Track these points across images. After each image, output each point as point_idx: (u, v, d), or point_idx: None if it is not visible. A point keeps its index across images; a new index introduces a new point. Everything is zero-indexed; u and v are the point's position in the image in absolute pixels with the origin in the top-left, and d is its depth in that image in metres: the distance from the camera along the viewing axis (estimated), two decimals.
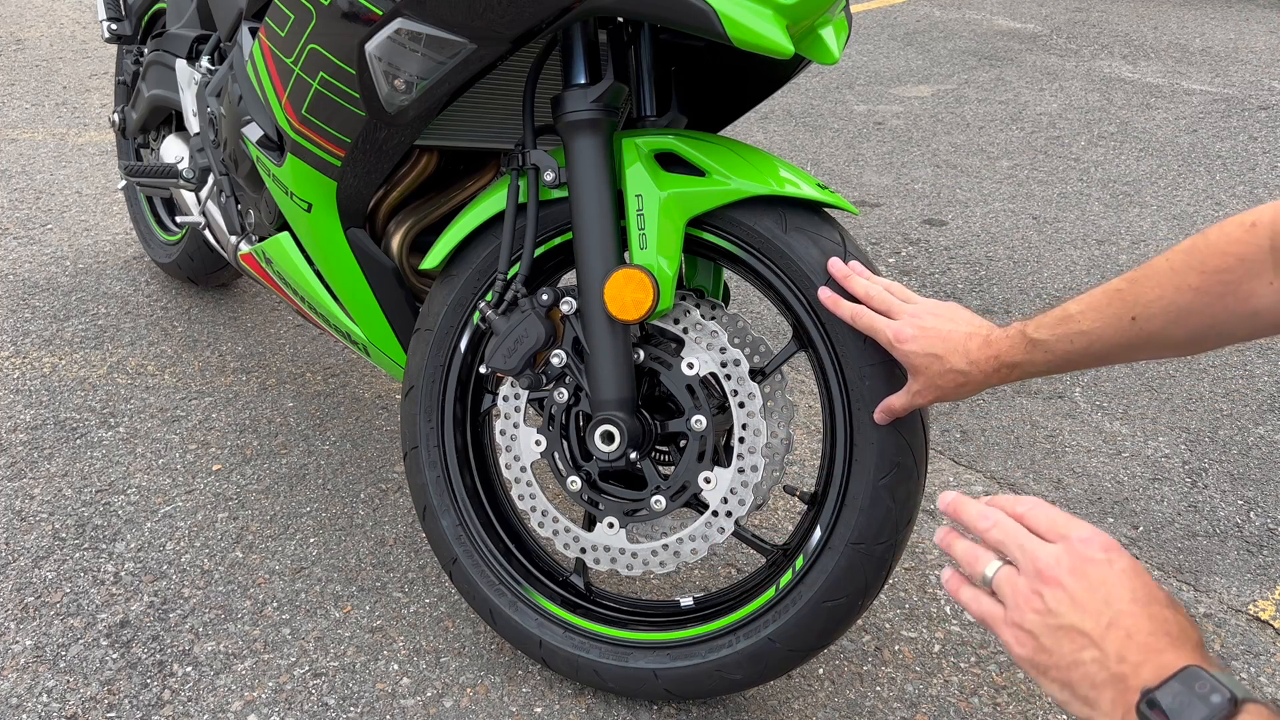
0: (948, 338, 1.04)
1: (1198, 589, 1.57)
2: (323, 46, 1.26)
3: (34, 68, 4.29)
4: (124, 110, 2.37)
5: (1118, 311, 0.92)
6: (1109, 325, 0.92)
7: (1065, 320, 0.96)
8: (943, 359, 1.03)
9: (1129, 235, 2.82)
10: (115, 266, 2.59)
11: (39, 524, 1.68)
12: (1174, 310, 0.88)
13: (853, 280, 1.13)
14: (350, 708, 1.34)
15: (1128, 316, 0.91)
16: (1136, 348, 0.92)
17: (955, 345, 1.03)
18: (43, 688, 1.37)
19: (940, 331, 1.04)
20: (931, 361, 1.04)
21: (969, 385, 1.04)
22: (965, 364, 1.02)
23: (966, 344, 1.03)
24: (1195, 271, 0.86)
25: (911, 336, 1.05)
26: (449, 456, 1.38)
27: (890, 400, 1.12)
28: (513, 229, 1.26)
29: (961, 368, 1.03)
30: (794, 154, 3.49)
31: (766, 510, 1.74)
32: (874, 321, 1.09)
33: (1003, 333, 1.02)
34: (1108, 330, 0.93)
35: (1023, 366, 1.00)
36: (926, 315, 1.07)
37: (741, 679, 1.25)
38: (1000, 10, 5.52)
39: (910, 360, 1.06)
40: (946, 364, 1.03)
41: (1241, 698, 0.59)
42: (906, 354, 1.06)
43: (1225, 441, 1.93)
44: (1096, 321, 0.93)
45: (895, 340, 1.06)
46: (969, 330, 1.04)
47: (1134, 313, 0.90)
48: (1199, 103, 3.94)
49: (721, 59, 1.40)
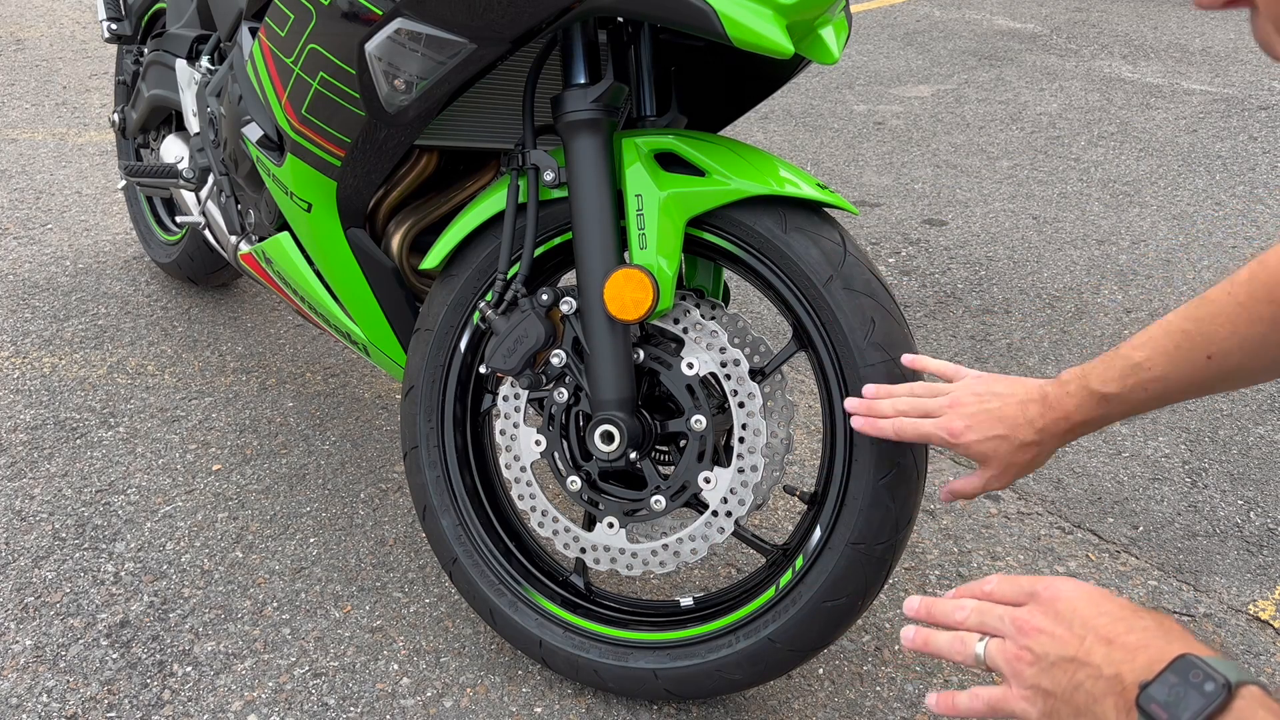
0: (1002, 415, 0.98)
1: (1198, 589, 1.57)
2: (323, 46, 1.26)
3: (34, 68, 4.30)
4: (124, 110, 2.37)
5: (1189, 353, 0.88)
6: (1183, 368, 0.89)
7: (1134, 370, 0.92)
8: (1008, 438, 0.98)
9: (1129, 235, 2.82)
10: (115, 266, 2.59)
11: (39, 524, 1.68)
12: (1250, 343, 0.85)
13: (877, 404, 1.07)
14: (350, 708, 1.34)
15: (1202, 356, 0.88)
16: (1213, 384, 0.90)
17: (1015, 420, 0.97)
18: (43, 688, 1.37)
19: (992, 411, 0.99)
20: (999, 444, 0.98)
21: (1044, 452, 0.99)
22: (1034, 434, 0.97)
23: (1025, 413, 0.97)
24: (1264, 302, 0.83)
25: (965, 428, 0.99)
26: (449, 456, 1.38)
27: (959, 485, 1.06)
28: (513, 229, 1.26)
29: (1031, 439, 0.97)
30: (794, 154, 3.49)
31: (766, 510, 1.74)
32: (920, 427, 1.02)
33: (1061, 390, 0.96)
34: (1182, 373, 0.89)
35: (1096, 422, 0.96)
36: (969, 400, 1.01)
37: (741, 679, 1.25)
38: (1000, 10, 5.52)
39: (974, 451, 1.00)
40: (1015, 440, 0.98)
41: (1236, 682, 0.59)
42: (968, 445, 1.00)
43: (1225, 441, 1.93)
44: (1168, 367, 0.90)
45: (950, 437, 1.00)
46: (1022, 398, 0.98)
47: (1209, 351, 0.87)
48: (1199, 103, 3.94)
49: (721, 59, 1.40)
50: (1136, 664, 0.63)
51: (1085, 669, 0.65)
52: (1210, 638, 1.47)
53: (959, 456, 1.89)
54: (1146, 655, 0.63)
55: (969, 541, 1.67)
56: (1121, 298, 2.48)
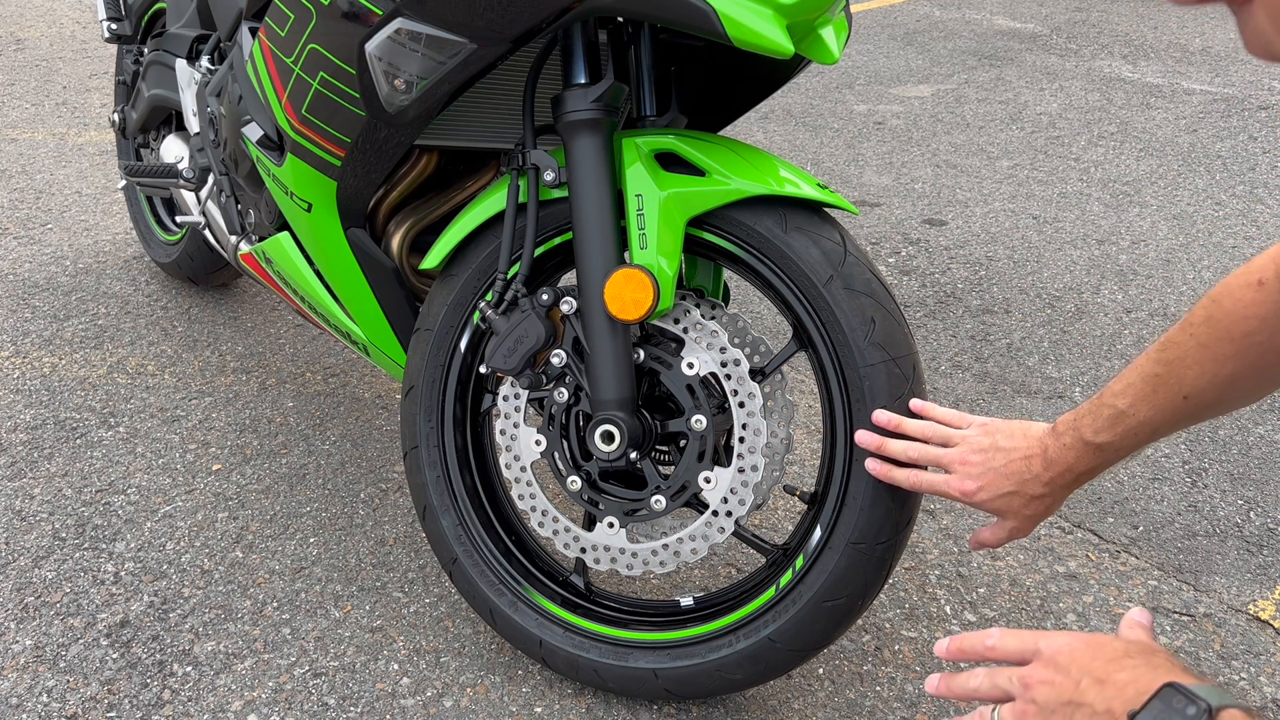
0: (1009, 472, 1.04)
1: (1198, 589, 1.57)
2: (323, 46, 1.26)
3: (34, 68, 4.29)
4: (124, 110, 2.37)
5: (1167, 396, 0.93)
6: (1164, 411, 0.94)
7: (1120, 418, 0.96)
8: (1019, 493, 1.04)
9: (1129, 235, 2.82)
10: (115, 266, 2.59)
11: (39, 524, 1.68)
12: (1220, 380, 0.89)
13: (888, 445, 1.12)
14: (350, 708, 1.34)
15: (1179, 397, 0.92)
16: (1199, 416, 0.94)
17: (1022, 475, 1.03)
18: (43, 688, 1.37)
19: (998, 469, 1.04)
20: (1011, 500, 1.04)
21: (1055, 502, 1.05)
22: (1042, 488, 1.03)
23: (1030, 469, 1.03)
24: (1225, 341, 0.87)
25: (977, 487, 1.05)
26: (449, 456, 1.38)
27: (983, 535, 1.12)
28: (513, 229, 1.26)
29: (1040, 493, 1.03)
30: (794, 154, 3.49)
31: (766, 510, 1.74)
32: (935, 486, 1.08)
33: (1059, 444, 1.01)
34: (1164, 415, 0.94)
35: (1098, 469, 1.01)
36: (975, 458, 1.06)
37: (741, 679, 1.25)
38: (1000, 10, 5.52)
39: (991, 508, 1.06)
40: (1026, 495, 1.04)
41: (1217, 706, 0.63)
42: (983, 504, 1.06)
43: (1225, 441, 1.93)
44: (1151, 411, 0.94)
45: (964, 498, 1.06)
46: (1025, 454, 1.03)
47: (1184, 393, 0.91)
48: (1199, 103, 3.94)
49: (721, 59, 1.40)
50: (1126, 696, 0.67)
51: (1081, 709, 0.70)
52: (1201, 668, 1.47)
53: None
54: (1135, 688, 0.67)
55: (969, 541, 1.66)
56: (1121, 298, 2.48)
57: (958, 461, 1.07)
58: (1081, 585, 1.57)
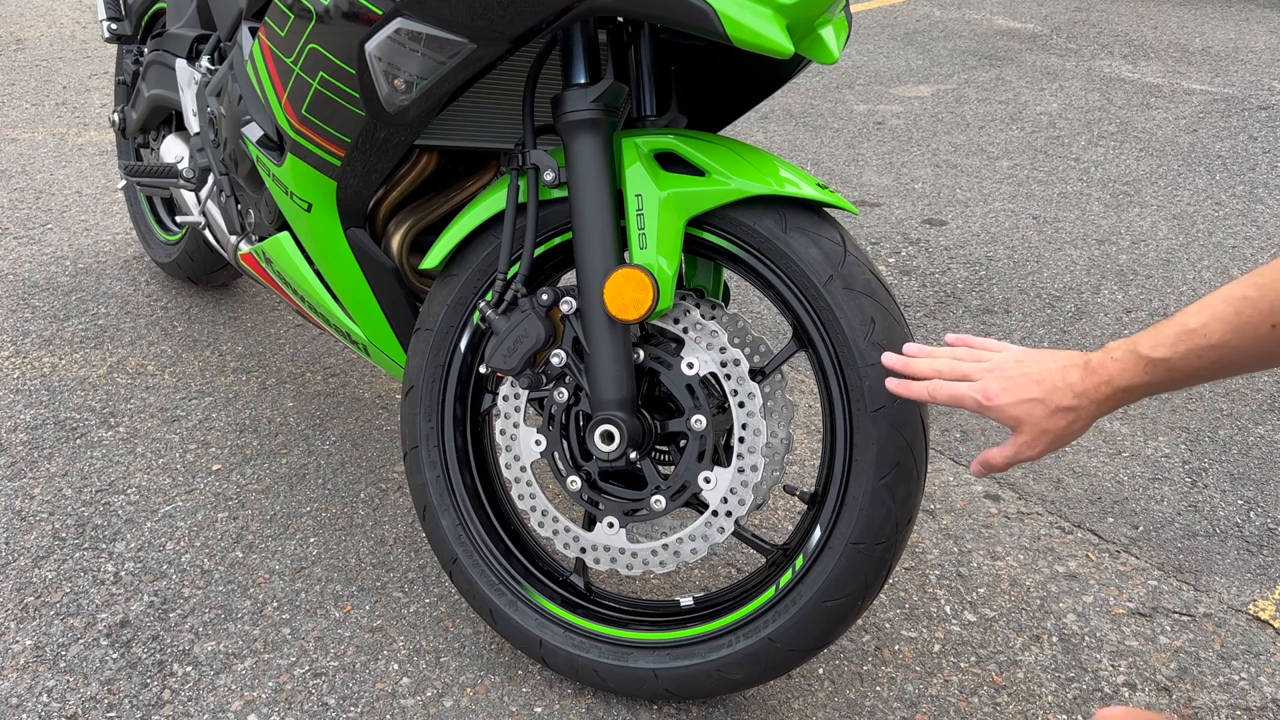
0: (1041, 379, 0.95)
1: (1198, 589, 1.57)
2: (323, 46, 1.26)
3: (34, 68, 4.29)
4: (124, 110, 2.37)
5: (1251, 320, 0.84)
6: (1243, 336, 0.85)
7: (1188, 335, 0.88)
8: (1044, 401, 0.94)
9: (1129, 235, 2.82)
10: (115, 266, 2.59)
11: (39, 524, 1.68)
12: None
13: (914, 363, 1.04)
14: (350, 707, 1.34)
15: (1266, 324, 0.84)
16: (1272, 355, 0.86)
17: (1053, 383, 0.94)
18: (43, 687, 1.37)
19: (1031, 375, 0.96)
20: (1033, 408, 0.95)
21: (1081, 420, 0.95)
22: (1071, 399, 0.93)
23: (1065, 377, 0.94)
24: None
25: (1001, 389, 0.96)
26: (449, 456, 1.38)
27: (990, 454, 1.01)
28: (513, 229, 1.26)
29: (1068, 404, 0.94)
30: (794, 154, 3.49)
31: (766, 510, 1.74)
32: (955, 391, 0.99)
33: (1106, 357, 0.93)
34: (1242, 341, 0.86)
35: (1142, 388, 0.92)
36: (1008, 364, 0.98)
37: (741, 679, 1.25)
38: (1000, 10, 5.52)
39: (1007, 415, 0.96)
40: (1051, 405, 0.94)
41: None
42: (1001, 409, 0.96)
43: (1225, 441, 1.93)
44: (1226, 334, 0.86)
45: (985, 400, 0.97)
46: (1064, 364, 0.95)
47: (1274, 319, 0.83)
48: (1199, 103, 3.94)
49: (721, 59, 1.40)
50: None
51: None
52: (1200, 667, 1.47)
53: (959, 457, 1.89)
54: None
55: (969, 541, 1.67)
56: (1121, 298, 2.48)
57: (990, 369, 0.98)
58: (1081, 585, 1.58)
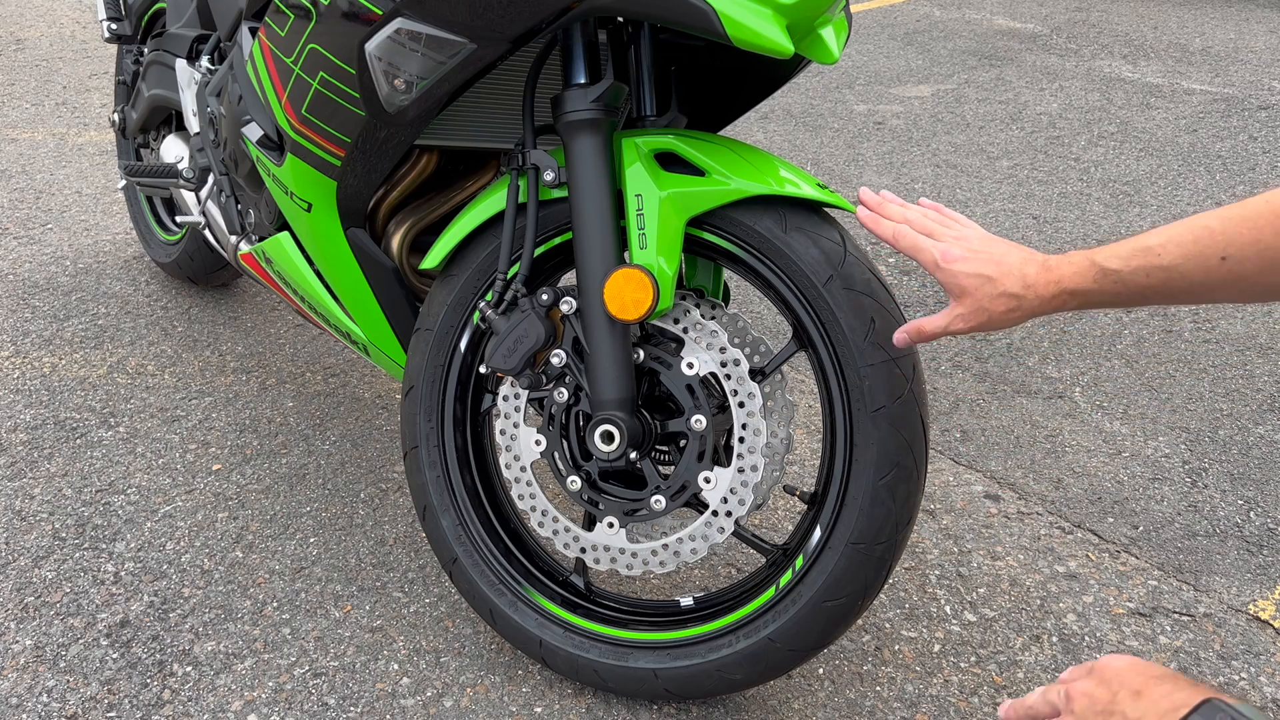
0: (1000, 260, 0.97)
1: (1198, 589, 1.57)
2: (323, 46, 1.26)
3: (34, 68, 4.29)
4: (124, 110, 2.37)
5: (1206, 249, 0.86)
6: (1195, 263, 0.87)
7: (1144, 252, 0.89)
8: (995, 281, 0.96)
9: (1129, 235, 2.82)
10: (115, 266, 2.59)
11: (39, 524, 1.68)
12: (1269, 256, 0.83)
13: (887, 206, 1.06)
14: (350, 707, 1.34)
15: (1217, 256, 0.85)
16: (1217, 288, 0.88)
17: (1010, 268, 0.96)
18: (43, 687, 1.37)
19: (992, 254, 0.98)
20: (982, 283, 0.97)
21: (1020, 311, 0.97)
22: (1020, 287, 0.95)
23: (1023, 268, 0.96)
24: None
25: (961, 257, 0.98)
26: (449, 456, 1.38)
27: (923, 321, 1.02)
28: (513, 229, 1.26)
29: (1015, 290, 0.96)
30: (794, 154, 3.49)
31: (766, 510, 1.74)
32: (917, 241, 1.01)
33: (1064, 259, 0.95)
34: (1193, 268, 0.87)
35: (1087, 295, 0.94)
36: (976, 239, 1.00)
37: (741, 679, 1.25)
38: (1000, 10, 5.52)
39: (957, 281, 0.98)
40: (999, 286, 0.96)
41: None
42: (954, 274, 0.98)
43: (1225, 441, 1.93)
44: (1180, 257, 0.87)
45: (942, 260, 0.99)
46: (1025, 255, 0.97)
47: (1225, 253, 0.85)
48: (1199, 103, 3.94)
49: (721, 59, 1.40)
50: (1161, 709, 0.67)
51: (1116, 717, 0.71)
52: (1201, 667, 1.47)
53: (959, 457, 1.89)
54: (1172, 701, 0.68)
55: (969, 541, 1.67)
56: None
57: (956, 237, 1.01)
58: (1081, 585, 1.57)
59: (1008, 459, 1.89)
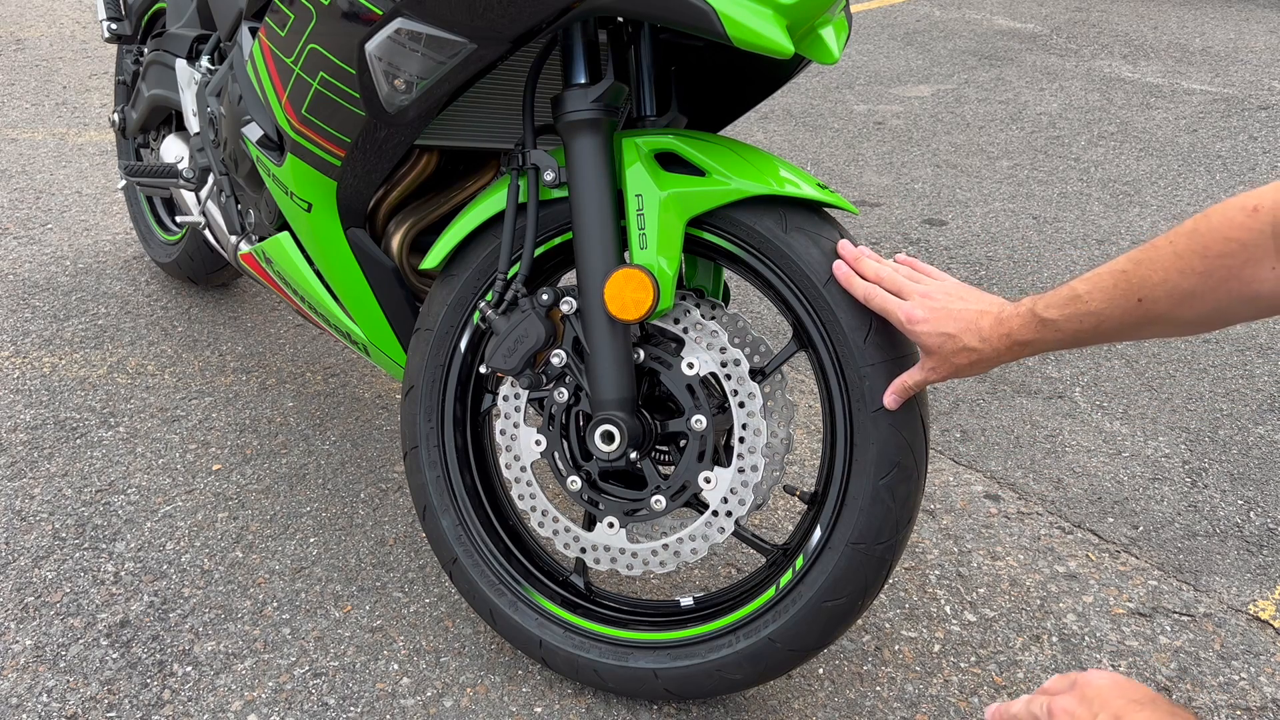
0: (959, 316, 1.06)
1: (1198, 589, 1.57)
2: (323, 46, 1.26)
3: (34, 68, 4.30)
4: (124, 110, 2.37)
5: (1124, 293, 0.93)
6: (1116, 306, 0.94)
7: (1074, 300, 0.97)
8: (955, 337, 1.06)
9: (1129, 235, 2.82)
10: (115, 266, 2.59)
11: (39, 524, 1.68)
12: (1179, 293, 0.89)
13: (863, 262, 1.15)
14: (350, 707, 1.34)
15: (1134, 298, 0.92)
16: (1143, 327, 0.94)
17: (968, 323, 1.06)
18: (43, 687, 1.37)
19: (951, 311, 1.07)
20: (945, 341, 1.07)
21: (982, 362, 1.06)
22: (978, 341, 1.05)
23: (979, 321, 1.05)
24: (1198, 256, 0.87)
25: (923, 318, 1.07)
26: (449, 456, 1.38)
27: (903, 379, 1.13)
28: (513, 229, 1.26)
29: (974, 345, 1.05)
30: (794, 154, 3.49)
31: (766, 510, 1.74)
32: (886, 303, 1.11)
33: (1014, 310, 1.04)
34: (1115, 311, 0.94)
35: (1034, 344, 1.02)
36: (939, 295, 1.09)
37: (741, 679, 1.25)
38: (1000, 10, 5.52)
39: (923, 340, 1.08)
40: (960, 342, 1.06)
41: None
42: (919, 334, 1.08)
43: (1225, 441, 1.93)
44: (1104, 303, 0.95)
45: (907, 321, 1.09)
46: (980, 308, 1.06)
47: (1140, 294, 0.92)
48: (1199, 103, 3.94)
49: (721, 59, 1.40)
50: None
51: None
52: (1200, 668, 1.47)
53: (959, 457, 1.89)
54: None
55: (969, 541, 1.67)
56: None
57: (919, 294, 1.10)
58: (1081, 585, 1.58)
59: (1008, 459, 1.89)
